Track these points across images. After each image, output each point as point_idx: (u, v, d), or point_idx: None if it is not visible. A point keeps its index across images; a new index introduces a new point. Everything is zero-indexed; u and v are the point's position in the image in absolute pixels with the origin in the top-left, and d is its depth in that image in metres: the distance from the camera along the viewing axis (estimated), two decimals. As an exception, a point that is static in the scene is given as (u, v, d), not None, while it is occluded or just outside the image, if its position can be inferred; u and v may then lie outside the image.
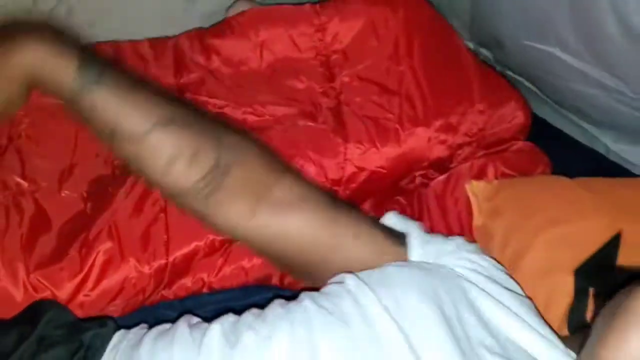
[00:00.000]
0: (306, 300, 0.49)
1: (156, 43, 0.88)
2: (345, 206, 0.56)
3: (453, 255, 0.56)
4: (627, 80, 0.78)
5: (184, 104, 0.52)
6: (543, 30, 0.86)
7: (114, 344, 0.49)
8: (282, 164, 0.55)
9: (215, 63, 0.86)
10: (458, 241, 0.58)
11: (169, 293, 0.70)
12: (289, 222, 0.51)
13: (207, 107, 0.81)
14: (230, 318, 0.50)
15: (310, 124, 0.80)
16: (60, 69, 0.47)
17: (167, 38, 0.91)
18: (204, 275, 0.70)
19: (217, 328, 0.48)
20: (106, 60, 0.50)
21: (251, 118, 0.81)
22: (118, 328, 0.53)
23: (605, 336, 0.35)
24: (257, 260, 0.72)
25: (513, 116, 0.87)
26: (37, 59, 0.47)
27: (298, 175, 0.55)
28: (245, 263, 0.71)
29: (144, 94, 0.49)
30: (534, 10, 0.87)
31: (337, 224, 0.53)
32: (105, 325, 0.52)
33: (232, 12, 0.94)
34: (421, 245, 0.56)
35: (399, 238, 0.57)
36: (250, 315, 0.50)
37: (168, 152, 0.48)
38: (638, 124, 0.84)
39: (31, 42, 0.48)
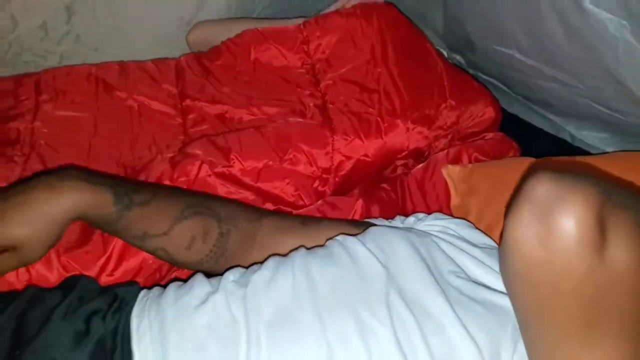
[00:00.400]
0: (303, 249, 0.62)
1: (159, 62, 1.03)
2: (313, 220, 0.72)
3: (421, 223, 0.70)
4: (577, 75, 0.93)
5: (186, 196, 0.67)
6: (503, 35, 1.02)
7: (141, 296, 0.61)
8: (254, 209, 0.71)
9: (214, 76, 1.00)
10: (419, 215, 0.73)
11: (181, 274, 0.81)
12: (279, 251, 0.67)
13: (207, 112, 0.95)
14: (240, 270, 0.62)
15: (300, 120, 0.93)
16: (100, 206, 0.59)
17: (169, 59, 1.06)
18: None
19: (229, 276, 0.60)
20: (129, 182, 0.64)
21: (247, 117, 0.95)
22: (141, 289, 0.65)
23: (507, 220, 0.47)
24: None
25: (483, 112, 1.01)
26: (78, 202, 0.58)
27: (269, 213, 0.72)
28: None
29: (159, 200, 0.63)
30: (495, 19, 1.03)
31: (310, 237, 0.68)
32: (132, 285, 0.64)
33: (192, 35, 1.13)
34: (386, 223, 0.71)
35: (364, 224, 0.71)
36: (255, 266, 0.62)
37: (187, 238, 0.64)
38: (594, 113, 0.98)
39: (69, 187, 0.58)
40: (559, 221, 0.42)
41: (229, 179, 0.86)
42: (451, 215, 0.87)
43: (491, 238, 0.71)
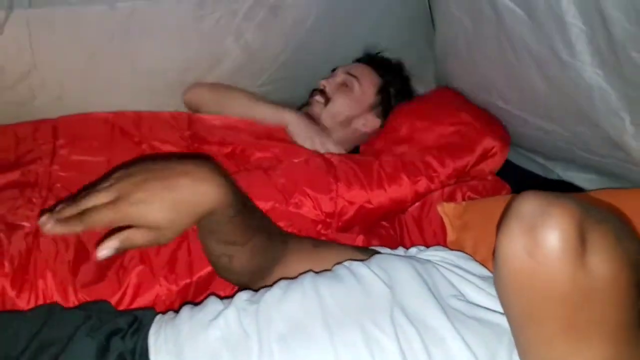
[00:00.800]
0: (311, 272, 0.69)
1: (174, 112, 1.12)
2: (326, 243, 0.80)
3: (422, 253, 0.78)
4: (557, 122, 1.02)
5: (255, 209, 0.72)
6: (487, 87, 1.13)
7: (157, 318, 0.66)
8: (280, 230, 0.78)
9: (223, 122, 1.10)
10: (420, 247, 0.81)
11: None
12: (293, 272, 0.73)
13: (217, 153, 1.03)
14: (251, 291, 0.68)
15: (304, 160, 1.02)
16: (225, 206, 0.61)
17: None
18: (221, 293, 0.87)
19: (242, 295, 0.66)
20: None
21: (257, 155, 1.03)
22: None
23: (498, 234, 0.53)
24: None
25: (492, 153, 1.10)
26: (218, 198, 0.59)
27: (290, 235, 0.78)
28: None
29: (247, 209, 0.66)
30: (480, 72, 1.14)
31: (322, 259, 0.74)
32: (150, 309, 0.70)
33: (188, 94, 1.18)
34: (389, 252, 0.78)
35: (370, 252, 0.78)
36: (265, 288, 0.68)
37: (250, 253, 0.68)
38: (577, 156, 1.07)
39: (214, 182, 0.59)
40: (544, 233, 0.48)
41: (237, 219, 0.93)
42: (448, 250, 0.94)
43: (487, 269, 0.77)
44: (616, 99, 0.88)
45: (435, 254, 0.77)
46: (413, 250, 0.79)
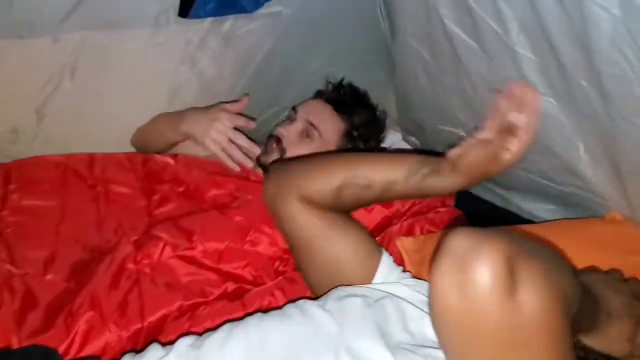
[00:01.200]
0: (259, 313, 0.69)
1: (129, 153, 1.12)
2: (346, 219, 0.89)
3: (403, 280, 0.80)
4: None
5: None
6: (447, 117, 1.15)
7: (99, 368, 0.66)
8: None
9: (178, 161, 1.10)
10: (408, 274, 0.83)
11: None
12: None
13: (171, 191, 1.04)
14: (195, 336, 0.68)
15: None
16: None
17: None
18: (172, 338, 0.86)
19: (185, 340, 0.66)
20: None
21: (212, 192, 1.04)
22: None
23: (430, 271, 0.54)
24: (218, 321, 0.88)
25: None
26: None
27: None
28: (209, 324, 0.87)
29: None
30: (440, 104, 1.16)
31: (332, 237, 0.84)
32: (95, 358, 0.69)
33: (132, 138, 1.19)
34: (388, 269, 0.82)
35: (378, 252, 0.85)
36: (209, 332, 0.68)
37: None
38: (535, 184, 1.09)
39: None
40: (474, 270, 0.50)
41: (191, 261, 0.93)
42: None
43: None
44: (570, 127, 0.90)
45: (409, 283, 0.79)
46: (398, 269, 0.83)
